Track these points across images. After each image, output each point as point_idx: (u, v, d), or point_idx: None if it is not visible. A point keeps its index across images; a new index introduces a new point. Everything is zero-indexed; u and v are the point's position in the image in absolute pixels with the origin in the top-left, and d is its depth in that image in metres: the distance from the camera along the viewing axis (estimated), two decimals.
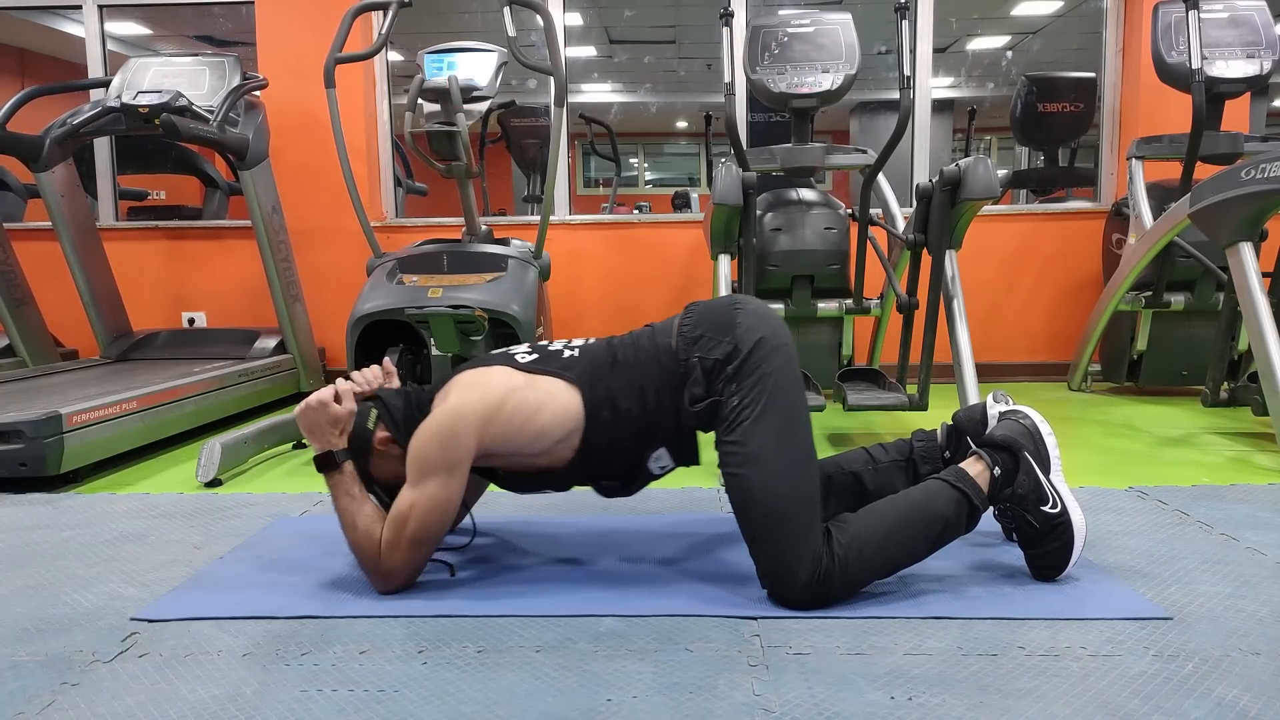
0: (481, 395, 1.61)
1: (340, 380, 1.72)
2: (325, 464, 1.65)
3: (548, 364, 1.69)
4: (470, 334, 2.97)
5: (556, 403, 1.64)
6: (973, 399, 2.79)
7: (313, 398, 1.66)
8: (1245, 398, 2.99)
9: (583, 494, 1.80)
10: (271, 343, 3.92)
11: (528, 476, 1.72)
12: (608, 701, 1.26)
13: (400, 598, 1.63)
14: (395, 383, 1.82)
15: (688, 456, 1.73)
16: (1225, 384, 3.14)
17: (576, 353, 1.72)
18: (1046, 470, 1.65)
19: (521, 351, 1.74)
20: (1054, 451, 1.68)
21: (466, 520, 1.82)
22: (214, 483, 2.57)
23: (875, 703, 1.24)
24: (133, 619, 1.57)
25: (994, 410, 1.80)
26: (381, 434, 1.68)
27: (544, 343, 1.79)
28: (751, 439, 1.56)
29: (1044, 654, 1.38)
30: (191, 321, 4.48)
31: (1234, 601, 1.58)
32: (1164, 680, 1.29)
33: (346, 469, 1.65)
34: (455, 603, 1.61)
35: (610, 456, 1.69)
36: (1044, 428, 1.71)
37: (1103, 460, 2.75)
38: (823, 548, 1.53)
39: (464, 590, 1.67)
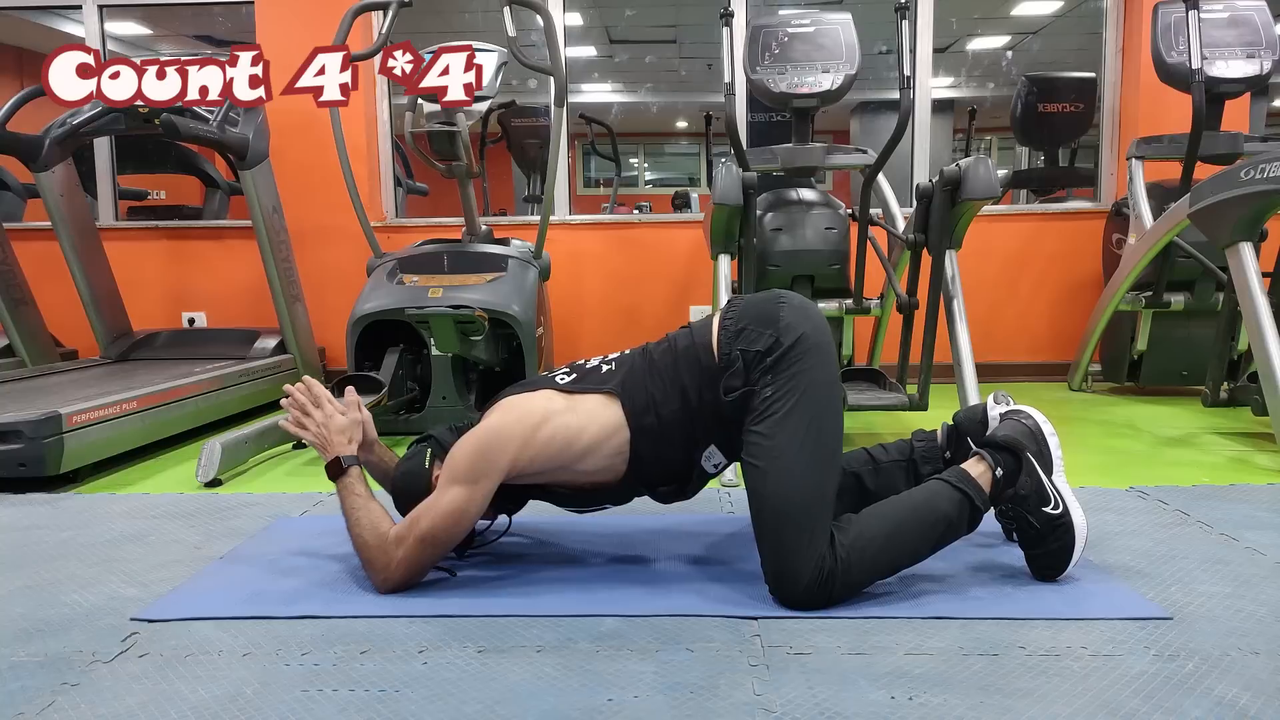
0: (519, 417, 1.64)
1: (349, 390, 1.84)
2: (335, 470, 1.72)
3: (587, 382, 1.71)
4: (470, 334, 2.97)
5: (598, 421, 1.65)
6: (973, 399, 2.79)
7: (317, 414, 1.76)
8: (1245, 398, 2.99)
9: None
10: (272, 343, 3.92)
11: (584, 493, 1.75)
12: (609, 701, 1.26)
13: (401, 597, 1.63)
14: (360, 414, 1.83)
15: (740, 450, 1.69)
16: (1225, 384, 3.14)
17: (613, 366, 1.74)
18: (1049, 471, 1.65)
19: (561, 373, 1.76)
20: (1056, 452, 1.68)
21: (501, 520, 1.84)
22: (214, 483, 2.57)
23: (876, 702, 1.24)
24: (133, 619, 1.57)
25: (994, 411, 1.80)
26: (438, 471, 1.70)
27: (581, 361, 1.80)
28: (777, 433, 1.56)
29: (1045, 654, 1.38)
30: (191, 321, 4.48)
31: (1234, 601, 1.58)
32: (1164, 680, 1.29)
33: (353, 472, 1.71)
34: (456, 602, 1.61)
35: (661, 461, 1.70)
36: (1046, 428, 1.70)
37: (1103, 460, 2.75)
38: (827, 550, 1.53)
39: (465, 590, 1.67)
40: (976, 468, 1.66)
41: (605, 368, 1.74)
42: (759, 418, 1.58)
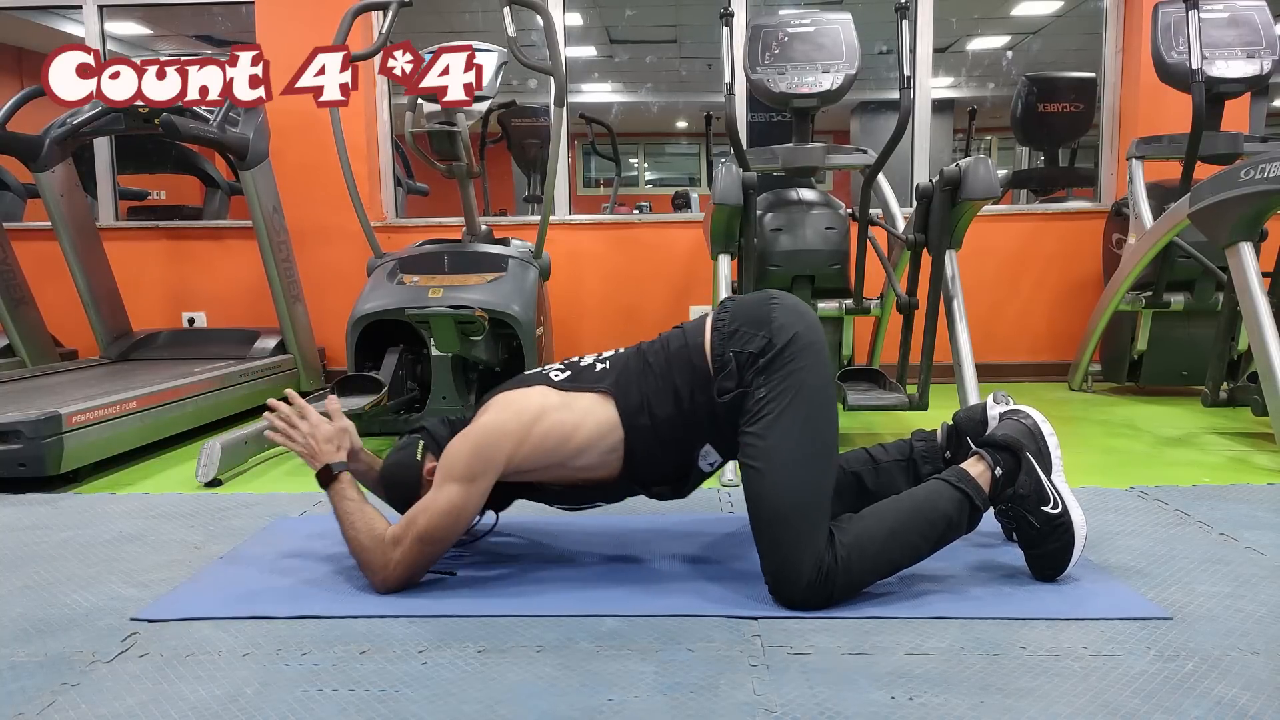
0: (516, 414, 1.64)
1: (330, 398, 1.85)
2: (325, 478, 1.72)
3: (581, 380, 1.71)
4: (470, 334, 2.97)
5: (592, 418, 1.66)
6: (973, 399, 2.79)
7: (303, 425, 1.76)
8: (1245, 398, 2.99)
9: None
10: (271, 343, 3.91)
11: (576, 489, 1.75)
12: (609, 701, 1.26)
13: (401, 597, 1.63)
14: (345, 421, 1.84)
15: (736, 450, 1.71)
16: (1225, 384, 3.14)
17: (607, 365, 1.74)
18: (1048, 470, 1.65)
19: (556, 370, 1.76)
20: (1055, 452, 1.68)
21: (489, 517, 1.82)
22: (214, 483, 2.57)
23: (877, 702, 1.24)
24: (133, 619, 1.57)
25: (994, 411, 1.80)
26: (430, 464, 1.71)
27: (575, 359, 1.80)
28: (771, 433, 1.56)
29: (1045, 654, 1.39)
30: (191, 321, 4.48)
31: (1234, 601, 1.58)
32: (1164, 680, 1.29)
33: (344, 478, 1.71)
34: (456, 602, 1.61)
35: (656, 461, 1.70)
36: (1045, 427, 1.71)
37: (1103, 460, 2.75)
38: (825, 548, 1.53)
39: (465, 590, 1.67)
40: (976, 467, 1.67)
41: (600, 366, 1.74)
42: (753, 419, 1.59)
